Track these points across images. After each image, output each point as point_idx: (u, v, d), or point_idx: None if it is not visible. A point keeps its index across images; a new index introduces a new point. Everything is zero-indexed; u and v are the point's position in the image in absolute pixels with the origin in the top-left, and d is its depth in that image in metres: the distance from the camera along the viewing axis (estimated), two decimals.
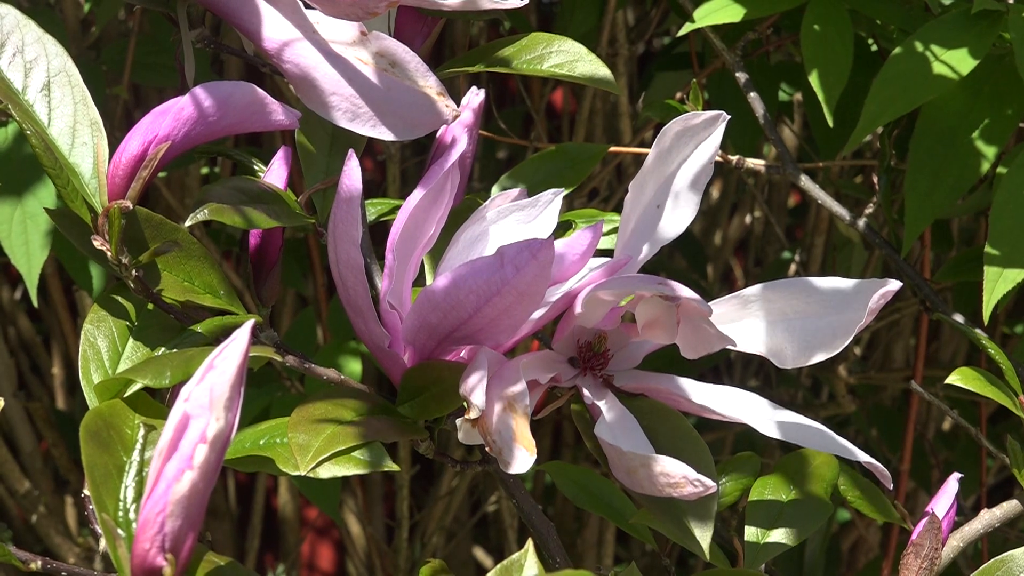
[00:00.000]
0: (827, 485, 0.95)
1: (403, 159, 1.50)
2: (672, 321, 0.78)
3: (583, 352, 0.83)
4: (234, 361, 0.61)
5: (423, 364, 0.81)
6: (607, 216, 1.01)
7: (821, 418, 1.64)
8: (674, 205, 0.84)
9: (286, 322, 1.65)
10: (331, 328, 1.49)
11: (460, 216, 0.87)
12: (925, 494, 1.67)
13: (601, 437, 0.78)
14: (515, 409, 0.76)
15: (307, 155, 0.91)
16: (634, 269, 0.84)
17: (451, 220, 0.84)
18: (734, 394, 0.83)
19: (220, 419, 0.61)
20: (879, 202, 1.17)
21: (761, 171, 1.18)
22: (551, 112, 1.89)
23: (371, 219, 1.06)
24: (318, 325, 1.57)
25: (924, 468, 1.64)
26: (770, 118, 1.16)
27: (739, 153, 1.20)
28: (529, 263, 0.74)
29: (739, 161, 1.18)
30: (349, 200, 0.78)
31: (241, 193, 0.84)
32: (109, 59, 1.36)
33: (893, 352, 1.71)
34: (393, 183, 1.46)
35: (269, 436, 0.78)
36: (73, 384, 1.71)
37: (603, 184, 1.58)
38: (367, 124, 0.85)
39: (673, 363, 0.98)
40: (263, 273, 0.88)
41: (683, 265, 1.81)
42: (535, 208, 0.85)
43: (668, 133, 0.83)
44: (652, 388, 0.83)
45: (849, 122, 1.18)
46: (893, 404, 1.72)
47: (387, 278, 0.80)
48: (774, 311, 0.83)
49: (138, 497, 0.68)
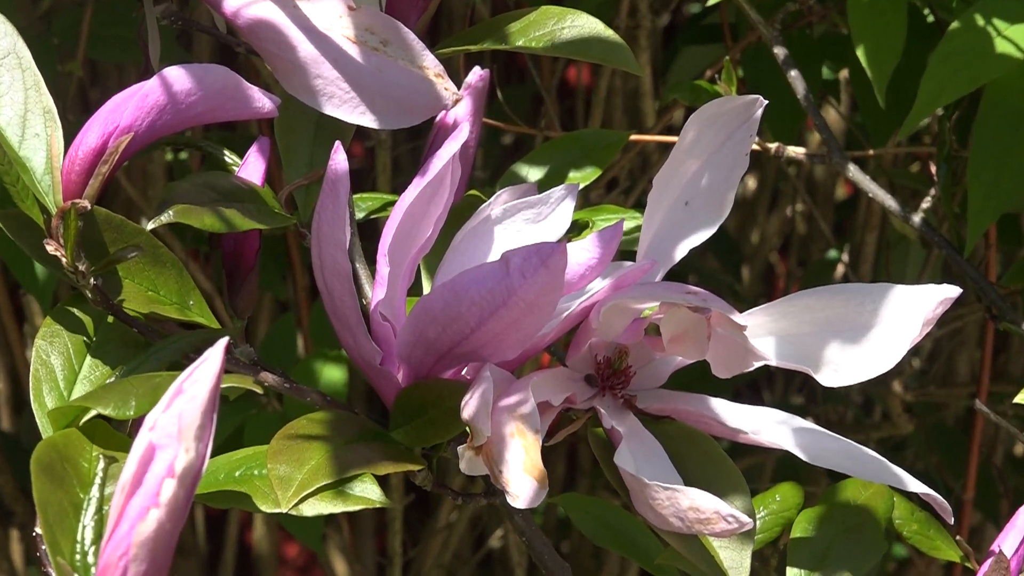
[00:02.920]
0: (880, 519, 0.95)
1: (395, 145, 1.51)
2: (702, 335, 0.79)
3: (601, 369, 0.84)
4: (206, 384, 0.62)
5: (419, 383, 0.81)
6: (628, 213, 1.02)
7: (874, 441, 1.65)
8: (704, 202, 0.85)
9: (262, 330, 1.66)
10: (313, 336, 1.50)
11: (461, 215, 0.88)
12: (992, 527, 1.68)
13: (621, 466, 0.79)
14: (524, 434, 0.76)
15: (287, 146, 0.91)
16: (659, 275, 0.84)
17: (451, 219, 0.84)
18: (773, 416, 0.84)
19: (190, 450, 0.61)
20: (938, 194, 1.18)
21: (803, 160, 1.19)
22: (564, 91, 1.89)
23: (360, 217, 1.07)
24: (298, 333, 1.58)
25: (991, 498, 1.64)
26: (813, 99, 1.17)
27: (778, 140, 1.21)
28: (539, 270, 0.74)
29: (778, 149, 1.18)
30: (335, 197, 0.79)
31: (212, 190, 0.84)
32: (61, 31, 1.37)
33: (956, 365, 1.72)
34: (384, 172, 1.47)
35: (246, 467, 0.79)
36: (20, 402, 1.72)
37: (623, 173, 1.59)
38: (355, 110, 0.86)
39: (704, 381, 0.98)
40: (238, 280, 0.89)
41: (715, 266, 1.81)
42: (545, 206, 0.86)
43: (697, 120, 0.83)
44: (680, 410, 0.84)
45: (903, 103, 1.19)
46: (956, 424, 1.72)
47: (379, 286, 0.81)
48: (818, 321, 0.83)
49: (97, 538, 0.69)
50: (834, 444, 0.82)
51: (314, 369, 1.43)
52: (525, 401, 0.77)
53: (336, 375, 1.42)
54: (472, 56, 1.44)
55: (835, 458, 0.82)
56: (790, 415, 0.84)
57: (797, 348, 0.83)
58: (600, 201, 1.51)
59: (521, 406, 0.77)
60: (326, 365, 1.44)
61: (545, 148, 1.09)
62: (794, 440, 0.82)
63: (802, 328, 0.83)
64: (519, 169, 1.07)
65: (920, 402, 1.66)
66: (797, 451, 0.82)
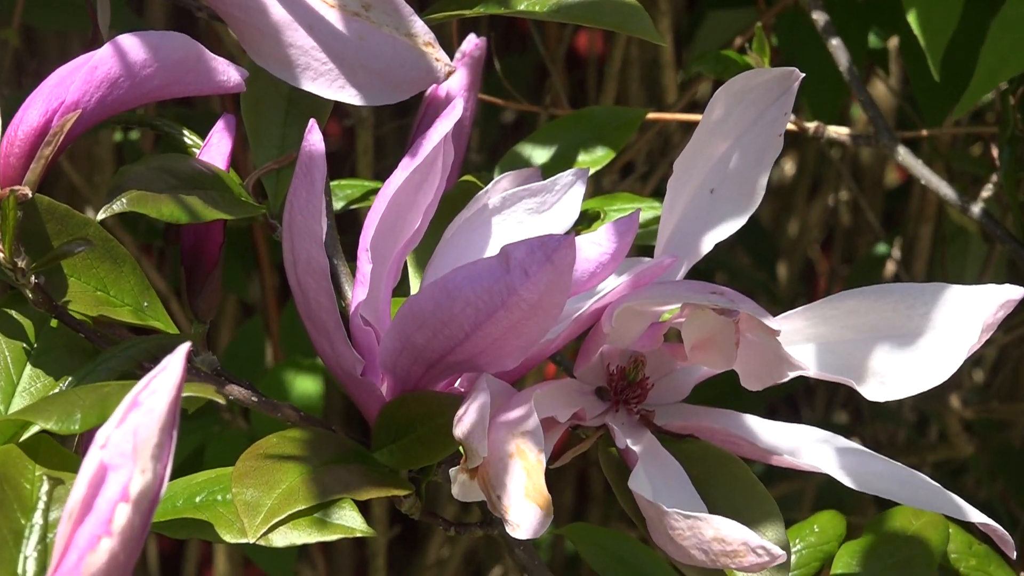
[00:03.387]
0: (934, 552, 0.96)
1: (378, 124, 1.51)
2: (730, 341, 0.79)
3: (614, 381, 0.84)
4: (164, 397, 0.62)
5: (406, 397, 0.82)
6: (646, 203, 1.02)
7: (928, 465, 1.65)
8: (733, 189, 0.85)
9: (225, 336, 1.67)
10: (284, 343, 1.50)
11: (454, 203, 0.88)
12: None
13: (637, 491, 0.79)
14: (526, 455, 0.76)
15: (255, 125, 0.92)
16: (681, 272, 0.85)
17: (443, 209, 0.85)
18: (812, 434, 0.84)
19: (146, 471, 0.62)
20: (1000, 181, 1.18)
21: (847, 142, 1.20)
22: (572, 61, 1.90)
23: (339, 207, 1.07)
24: (267, 339, 1.58)
25: None
26: (857, 72, 1.17)
27: (818, 118, 1.21)
28: (543, 266, 0.74)
29: (818, 129, 1.19)
30: (310, 184, 0.79)
31: (170, 176, 0.85)
32: None
33: (1022, 377, 1.72)
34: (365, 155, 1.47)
35: (208, 492, 0.79)
36: None
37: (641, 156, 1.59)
38: (334, 85, 0.86)
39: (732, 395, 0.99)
40: (199, 279, 0.89)
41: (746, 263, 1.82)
42: (551, 193, 0.86)
43: (725, 96, 0.84)
44: (704, 427, 0.84)
45: (961, 76, 1.19)
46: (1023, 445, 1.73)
47: (360, 285, 0.81)
48: (863, 326, 0.84)
49: (41, 571, 0.69)
50: (882, 468, 0.83)
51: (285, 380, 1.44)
52: (527, 417, 0.77)
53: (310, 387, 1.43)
54: (467, 22, 1.44)
55: (883, 483, 0.82)
56: (832, 434, 0.85)
57: (839, 357, 0.84)
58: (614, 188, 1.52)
59: (523, 423, 0.77)
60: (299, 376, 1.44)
61: (551, 127, 1.09)
62: (836, 463, 0.83)
63: (845, 334, 0.84)
64: (521, 151, 1.08)
65: (982, 420, 1.66)
66: (839, 475, 0.82)
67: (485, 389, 0.77)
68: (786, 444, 0.84)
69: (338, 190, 1.09)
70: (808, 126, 1.19)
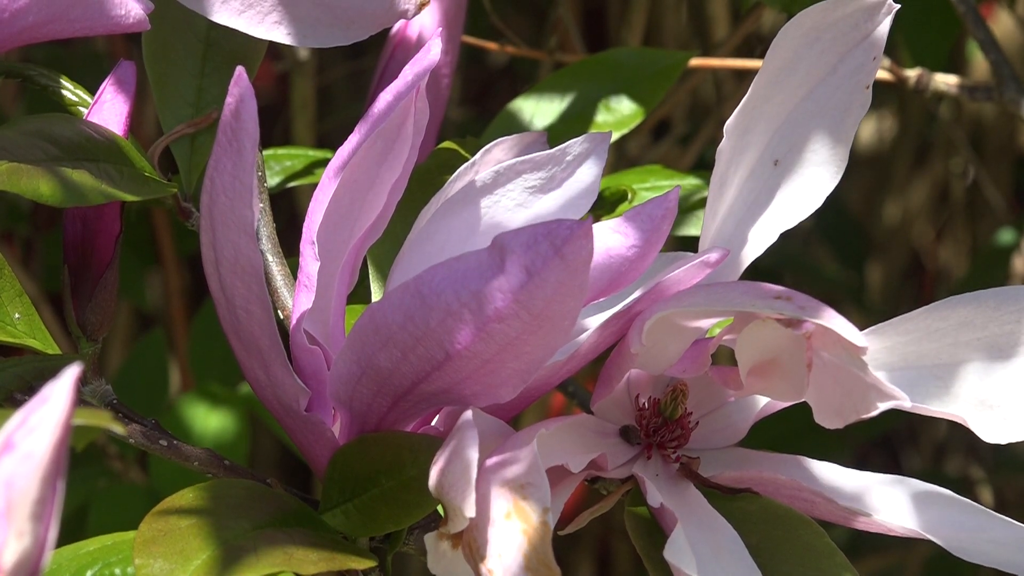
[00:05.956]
0: None
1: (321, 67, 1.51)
2: (800, 363, 0.80)
3: (645, 418, 0.86)
4: (47, 437, 0.62)
5: (366, 439, 0.83)
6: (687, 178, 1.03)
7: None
8: (804, 160, 0.87)
9: (115, 357, 1.67)
10: (194, 364, 1.50)
11: (430, 180, 0.89)
12: None
13: (675, 563, 0.80)
14: (527, 516, 0.77)
15: (162, 75, 0.92)
16: (735, 273, 0.86)
17: (414, 187, 0.86)
18: (912, 489, 0.86)
19: (24, 535, 0.62)
20: None
21: (961, 96, 1.21)
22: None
23: (273, 184, 1.08)
24: (172, 360, 1.59)
25: None
26: (975, 3, 1.18)
27: (921, 65, 1.22)
28: (550, 263, 0.75)
29: (922, 79, 1.20)
30: (237, 154, 0.78)
31: (49, 142, 0.85)
32: None
33: None
34: (303, 110, 1.47)
35: (103, 563, 0.80)
36: None
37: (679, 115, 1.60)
38: (267, 19, 0.87)
39: (806, 436, 1.00)
40: (88, 281, 0.90)
41: (825, 259, 1.83)
42: (560, 166, 0.87)
43: (792, 35, 0.85)
44: (766, 479, 0.85)
45: None
46: None
47: (304, 290, 0.82)
48: (978, 344, 0.85)
49: None
50: (1006, 533, 0.84)
51: (196, 416, 1.44)
52: (529, 465, 0.77)
53: (230, 425, 1.43)
54: None
55: (1007, 554, 0.83)
56: (940, 489, 0.86)
57: (946, 384, 0.85)
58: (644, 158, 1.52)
59: (522, 473, 0.77)
60: (215, 409, 1.44)
61: (558, 77, 1.10)
62: (943, 526, 0.84)
63: (956, 354, 0.85)
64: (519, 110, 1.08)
65: None
66: (949, 543, 0.83)
67: (472, 428, 0.77)
68: (876, 502, 0.85)
69: (273, 161, 1.09)
70: (908, 75, 1.20)
